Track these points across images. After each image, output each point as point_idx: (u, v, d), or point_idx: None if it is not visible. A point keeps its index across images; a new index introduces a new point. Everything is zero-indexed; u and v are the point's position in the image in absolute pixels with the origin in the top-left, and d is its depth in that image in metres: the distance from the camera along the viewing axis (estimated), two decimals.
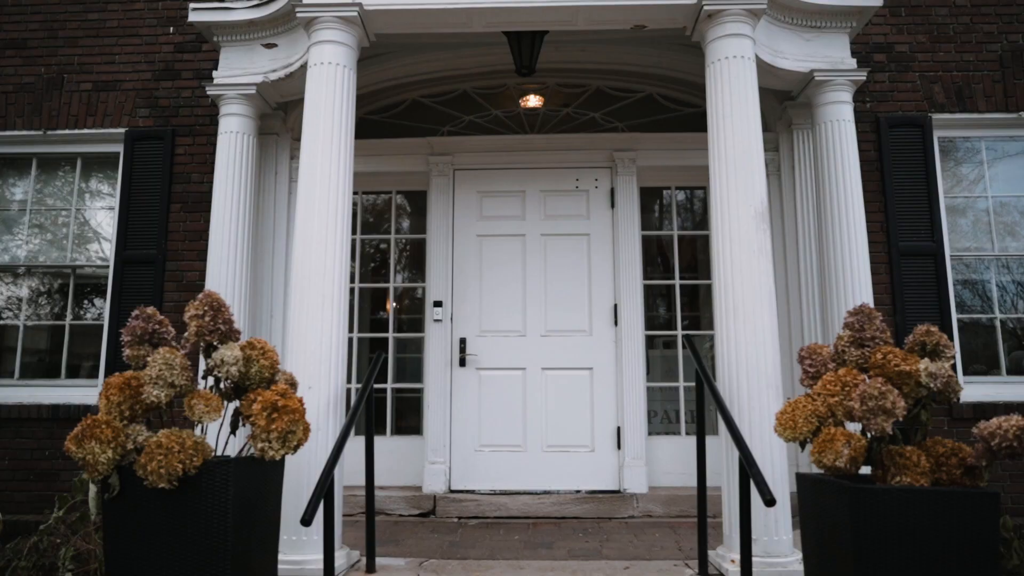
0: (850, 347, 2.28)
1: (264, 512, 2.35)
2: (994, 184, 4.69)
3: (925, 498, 2.01)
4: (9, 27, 4.97)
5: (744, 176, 3.25)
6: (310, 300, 3.18)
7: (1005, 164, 4.72)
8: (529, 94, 4.87)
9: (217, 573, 2.12)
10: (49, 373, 4.77)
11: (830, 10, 4.00)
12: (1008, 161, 4.73)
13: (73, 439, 2.12)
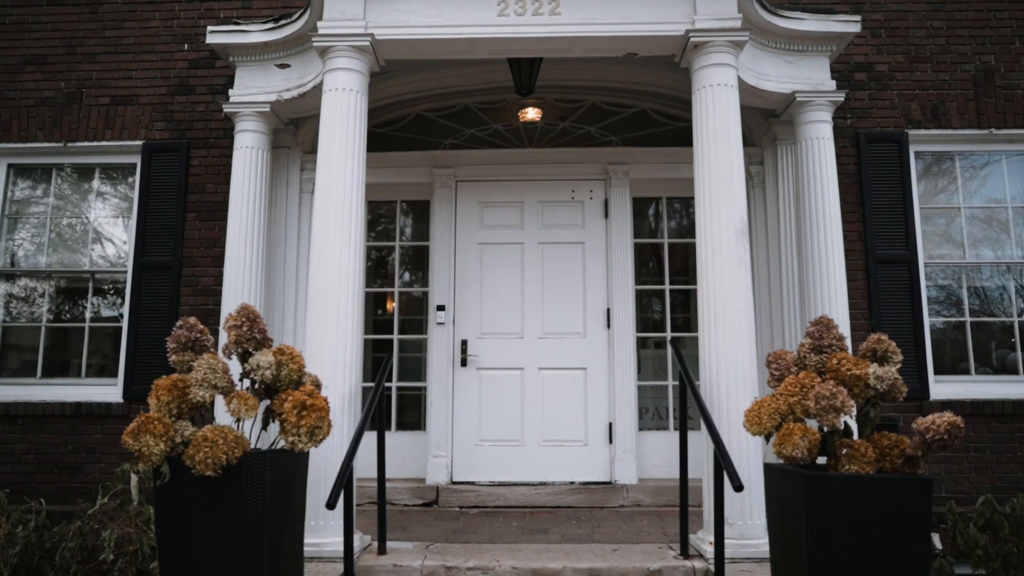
0: (810, 353, 2.57)
1: (293, 498, 2.63)
2: (966, 196, 4.99)
3: (869, 483, 2.31)
4: (30, 43, 5.21)
5: (726, 195, 3.54)
6: (326, 308, 3.45)
7: (976, 177, 5.02)
8: (528, 108, 5.15)
9: (255, 551, 2.41)
10: (70, 372, 5.03)
11: (811, 35, 4.28)
12: (979, 174, 5.03)
13: (130, 433, 2.40)
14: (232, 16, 5.17)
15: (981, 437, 4.61)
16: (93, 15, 5.23)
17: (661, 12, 3.74)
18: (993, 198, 4.98)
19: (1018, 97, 4.89)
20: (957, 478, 4.59)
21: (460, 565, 3.25)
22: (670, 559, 3.31)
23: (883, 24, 5.03)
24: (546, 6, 3.78)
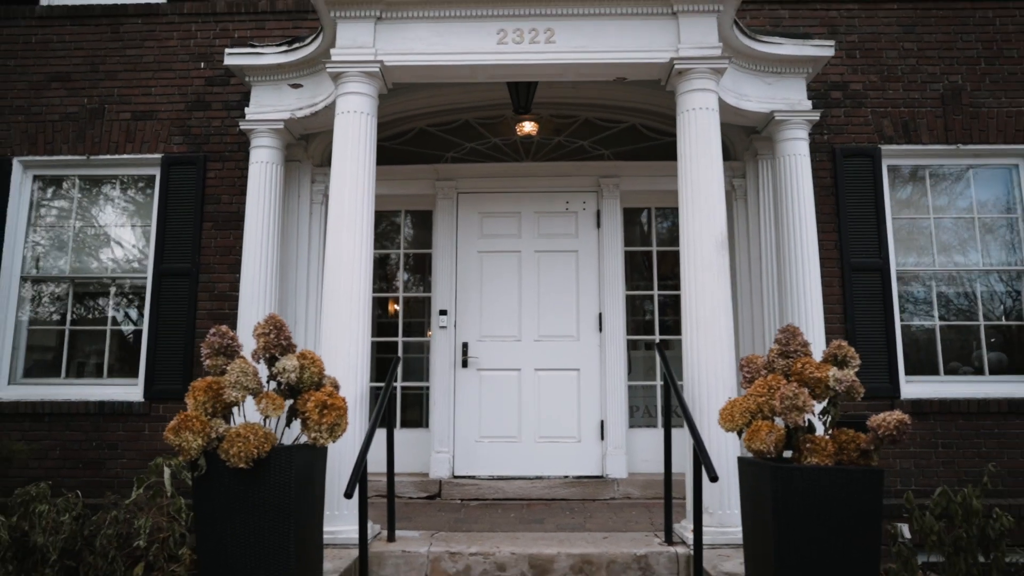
0: (778, 358, 2.88)
1: (314, 489, 2.93)
2: (935, 207, 5.31)
3: (828, 474, 2.62)
4: (55, 62, 5.50)
5: (707, 211, 3.85)
6: (340, 317, 3.75)
7: (945, 189, 5.34)
8: (525, 123, 5.45)
9: (283, 536, 2.71)
10: (92, 373, 5.33)
11: (788, 59, 4.59)
12: (947, 187, 5.35)
13: (171, 430, 2.70)
14: (246, 36, 5.47)
15: (948, 434, 4.93)
16: (114, 34, 5.51)
17: (648, 41, 4.05)
18: (960, 209, 5.30)
19: (983, 115, 5.21)
20: (926, 472, 4.91)
21: (463, 551, 3.56)
22: (655, 546, 3.62)
23: (858, 45, 5.34)
24: (542, 35, 4.09)
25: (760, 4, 5.42)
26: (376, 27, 4.10)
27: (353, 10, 4.07)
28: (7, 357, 5.21)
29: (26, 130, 5.40)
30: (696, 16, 4.06)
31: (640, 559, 3.49)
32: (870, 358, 4.96)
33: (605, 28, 4.09)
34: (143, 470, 4.94)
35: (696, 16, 4.06)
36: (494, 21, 4.10)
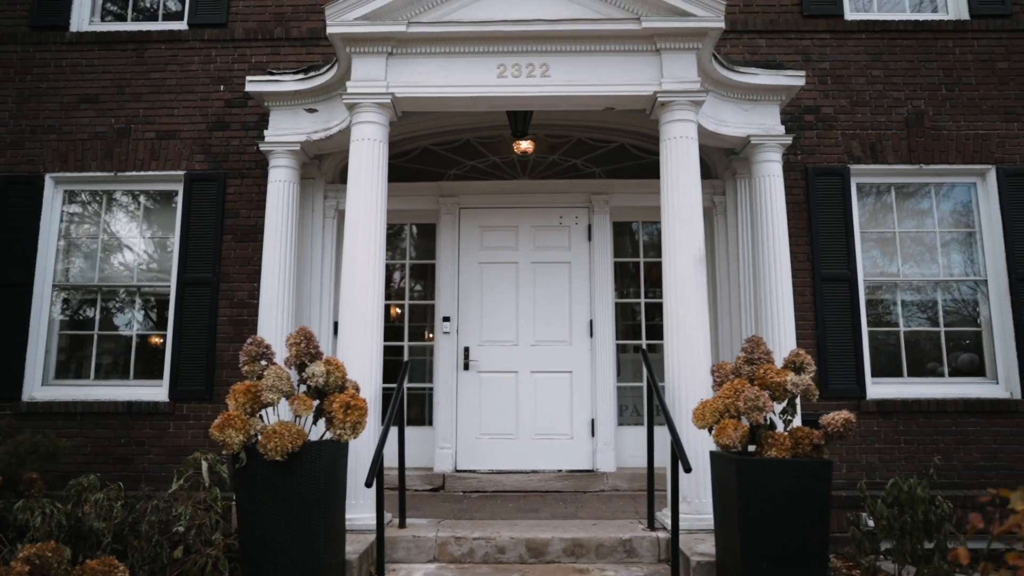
0: (744, 364, 3.31)
1: (338, 480, 3.35)
2: (900, 221, 5.75)
3: (784, 465, 3.05)
4: (84, 84, 5.89)
5: (686, 230, 4.27)
6: (355, 328, 4.16)
7: (908, 206, 5.79)
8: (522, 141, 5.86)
9: (313, 520, 3.12)
10: (119, 375, 5.72)
11: (763, 87, 5.02)
12: (911, 203, 5.79)
13: (216, 427, 3.11)
14: (262, 61, 5.87)
15: (910, 431, 5.38)
16: (139, 59, 5.90)
17: (633, 75, 4.47)
18: (923, 223, 5.75)
19: (943, 137, 5.65)
20: (889, 466, 5.35)
21: (467, 536, 3.98)
22: (639, 531, 4.05)
23: (829, 72, 5.78)
24: (538, 70, 4.51)
25: (740, 33, 5.85)
26: (387, 62, 4.51)
27: (367, 47, 4.48)
28: (40, 360, 5.60)
29: (57, 148, 5.79)
30: (677, 53, 4.48)
31: (625, 543, 3.92)
32: (839, 362, 5.42)
33: (595, 63, 4.51)
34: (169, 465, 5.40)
35: (677, 53, 4.48)
36: (494, 56, 4.52)
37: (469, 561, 3.90)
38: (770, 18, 5.88)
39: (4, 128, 5.83)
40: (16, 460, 4.01)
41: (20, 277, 5.59)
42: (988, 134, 5.65)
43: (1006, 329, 5.44)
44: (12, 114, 5.85)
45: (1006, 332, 5.43)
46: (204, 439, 5.38)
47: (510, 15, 4.47)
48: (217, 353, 5.48)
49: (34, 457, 4.17)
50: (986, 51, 5.77)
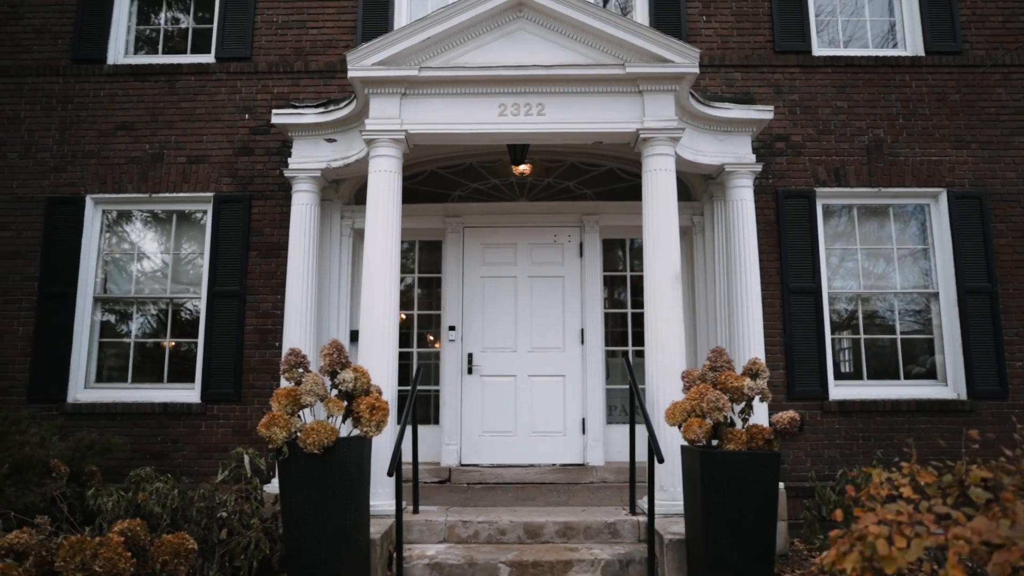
0: (709, 371, 3.91)
1: (364, 471, 3.93)
2: (862, 239, 6.35)
3: (740, 456, 3.64)
4: (120, 113, 6.45)
5: (665, 251, 4.87)
6: (374, 340, 4.73)
7: (868, 225, 6.39)
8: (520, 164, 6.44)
9: (344, 504, 3.70)
10: (153, 379, 6.29)
11: (736, 120, 5.61)
12: (871, 222, 6.40)
13: (263, 425, 3.68)
14: (284, 92, 6.45)
15: (868, 428, 5.98)
16: (171, 90, 6.47)
17: (618, 115, 5.07)
18: (882, 240, 6.35)
19: (900, 162, 6.26)
20: (849, 460, 5.95)
21: (472, 520, 4.57)
22: (622, 516, 4.65)
23: (798, 103, 6.38)
24: (534, 109, 5.10)
25: (718, 67, 6.45)
26: (401, 101, 5.09)
27: (383, 88, 5.06)
28: (83, 365, 6.17)
29: (97, 171, 6.36)
30: (658, 94, 5.08)
31: (610, 525, 4.52)
32: (805, 366, 6.03)
33: (586, 103, 5.10)
34: (201, 460, 6.00)
35: (658, 94, 5.08)
36: (496, 97, 5.11)
37: (474, 541, 4.50)
38: (745, 54, 6.47)
39: (48, 153, 6.39)
40: (78, 455, 4.59)
41: (64, 289, 6.16)
42: (940, 160, 6.26)
43: (955, 337, 6.05)
44: (55, 140, 6.41)
45: (955, 339, 6.05)
46: (233, 436, 5.98)
47: (509, 60, 5.06)
48: (244, 359, 6.05)
49: (91, 452, 4.75)
50: (939, 85, 6.37)
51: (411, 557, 4.26)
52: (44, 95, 6.50)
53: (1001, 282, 6.09)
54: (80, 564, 2.77)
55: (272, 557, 4.28)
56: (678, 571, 3.95)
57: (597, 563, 4.21)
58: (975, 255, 6.10)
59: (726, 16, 6.55)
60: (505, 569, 4.17)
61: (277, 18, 6.61)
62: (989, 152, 6.27)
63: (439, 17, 5.02)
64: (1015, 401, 5.92)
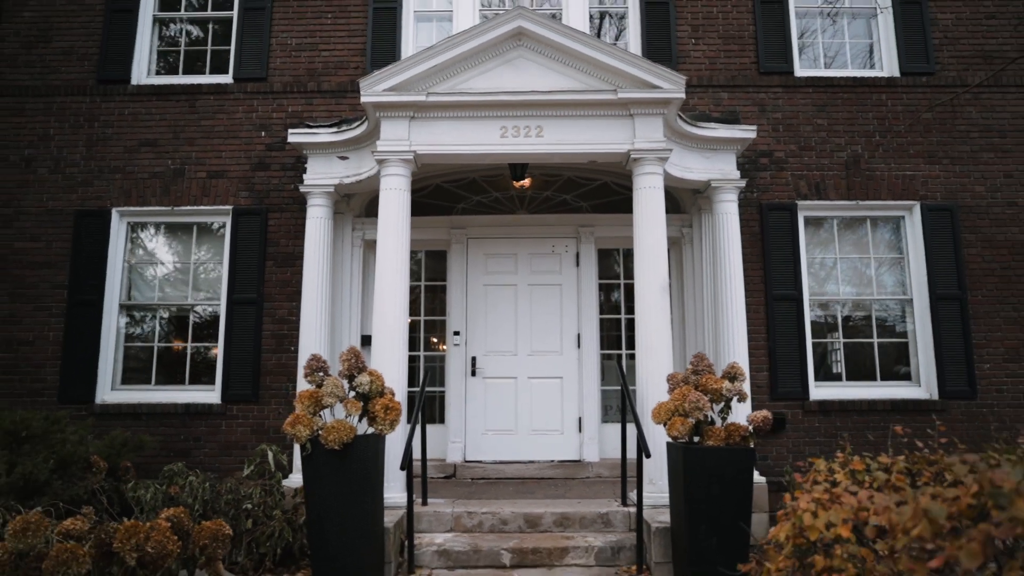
0: (691, 374, 4.31)
1: (379, 465, 4.33)
2: (840, 248, 6.76)
3: (718, 451, 4.05)
4: (143, 131, 6.85)
5: (653, 264, 5.27)
6: (385, 346, 5.14)
7: (847, 235, 6.80)
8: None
9: (361, 495, 4.10)
10: (175, 381, 6.69)
11: (722, 139, 6.02)
12: (849, 233, 6.80)
13: (289, 424, 4.08)
14: (298, 110, 6.85)
15: (846, 427, 6.39)
16: (191, 108, 6.88)
17: (611, 136, 5.47)
18: (860, 250, 6.76)
19: (877, 177, 6.67)
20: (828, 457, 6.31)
21: (477, 511, 4.98)
22: (614, 507, 5.06)
23: (781, 121, 6.79)
24: (533, 131, 5.50)
25: (706, 88, 6.85)
26: (410, 124, 5.50)
27: (393, 112, 5.47)
28: (110, 368, 6.57)
29: (122, 186, 6.76)
30: (647, 117, 5.48)
31: (603, 516, 4.93)
32: (787, 369, 6.43)
33: (581, 126, 5.51)
34: (222, 457, 6.39)
35: (647, 117, 5.48)
36: (497, 120, 5.51)
37: (479, 531, 4.90)
38: (731, 74, 6.88)
39: (76, 168, 6.80)
40: (114, 451, 4.99)
41: (92, 297, 6.57)
42: (914, 175, 6.67)
43: (927, 340, 6.45)
44: (83, 156, 6.81)
45: (927, 343, 6.45)
46: (252, 435, 6.38)
47: (510, 86, 5.47)
48: (262, 362, 6.46)
49: (125, 449, 5.15)
50: (913, 103, 6.78)
51: (421, 544, 4.67)
52: (72, 113, 6.90)
53: (970, 289, 6.50)
54: (135, 545, 3.18)
55: (293, 545, 4.70)
56: (663, 555, 4.36)
57: (591, 549, 4.62)
58: (946, 264, 6.51)
59: (713, 39, 6.96)
60: (507, 555, 4.58)
61: (291, 41, 7.01)
62: (960, 167, 6.68)
63: (445, 46, 5.43)
64: (983, 400, 6.33)
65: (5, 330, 6.51)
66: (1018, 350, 6.40)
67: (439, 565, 4.57)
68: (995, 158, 6.71)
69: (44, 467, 4.18)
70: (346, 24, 7.04)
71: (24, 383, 6.45)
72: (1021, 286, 6.49)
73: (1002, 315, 6.46)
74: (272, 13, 7.04)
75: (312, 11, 7.08)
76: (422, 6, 7.21)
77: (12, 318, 6.53)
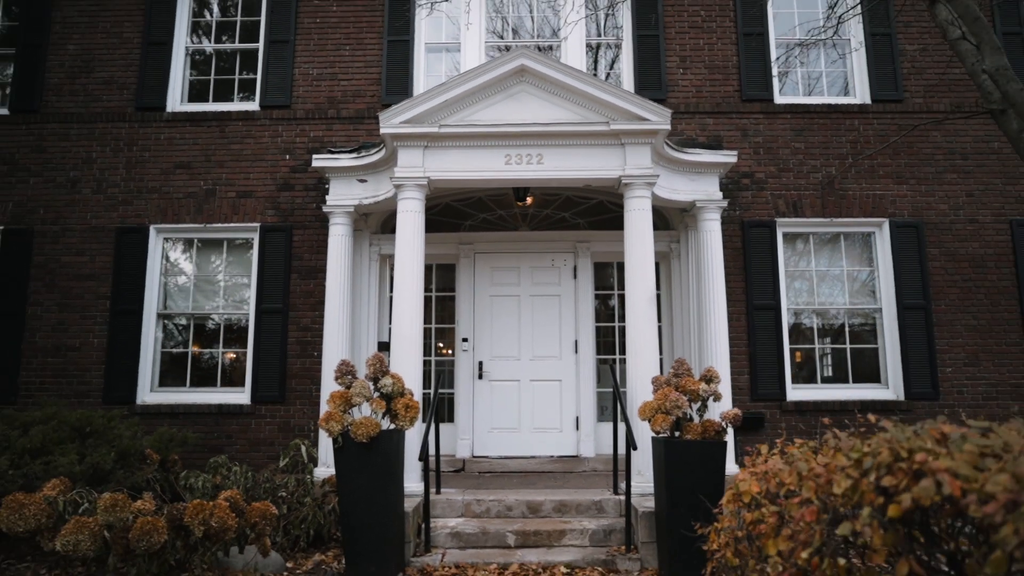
0: (672, 377, 4.93)
1: (400, 457, 4.95)
2: (816, 262, 7.38)
3: (695, 444, 4.66)
4: (178, 154, 7.50)
5: (642, 278, 5.89)
6: (403, 348, 5.77)
7: (822, 250, 7.42)
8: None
9: (385, 482, 4.73)
10: (208, 383, 7.32)
11: (706, 164, 6.65)
12: (824, 247, 7.42)
13: (323, 420, 4.71)
14: (319, 135, 7.49)
15: (820, 425, 6.99)
16: (222, 134, 7.52)
17: (604, 164, 6.09)
18: (833, 263, 7.38)
19: (849, 196, 7.29)
20: None
21: (484, 499, 5.60)
22: (607, 495, 5.67)
23: (762, 145, 7.41)
24: (535, 159, 6.13)
25: (692, 114, 7.48)
26: (424, 152, 6.13)
27: (409, 142, 6.10)
28: (149, 371, 7.21)
29: (159, 205, 7.40)
30: (636, 146, 6.10)
31: (596, 503, 5.55)
32: (766, 372, 7.05)
33: (577, 154, 6.13)
34: (251, 453, 7.00)
35: (636, 146, 6.10)
36: (502, 149, 6.14)
37: (487, 516, 5.52)
38: (716, 102, 7.51)
39: (117, 189, 7.44)
40: (162, 446, 5.62)
41: (133, 306, 7.20)
42: (883, 194, 7.29)
43: (895, 346, 7.07)
44: (123, 177, 7.46)
45: (895, 348, 7.06)
46: (279, 432, 7.01)
47: (514, 118, 6.09)
48: (288, 366, 7.09)
49: (172, 444, 5.78)
50: (883, 128, 7.40)
51: (436, 527, 5.29)
52: (113, 138, 7.54)
53: (934, 299, 7.11)
54: (202, 520, 3.81)
55: (323, 529, 5.32)
56: (649, 536, 4.98)
57: (585, 531, 5.23)
58: (912, 276, 7.12)
59: (700, 69, 7.59)
60: (512, 537, 5.20)
61: (312, 71, 7.65)
62: (925, 187, 7.30)
63: (455, 82, 6.06)
64: (945, 401, 6.94)
65: (55, 337, 7.15)
66: (977, 355, 7.01)
67: (452, 545, 5.19)
68: (958, 179, 7.32)
69: (108, 458, 4.81)
70: (363, 56, 7.69)
71: (72, 385, 7.09)
72: (980, 297, 7.11)
73: (963, 323, 7.07)
74: (295, 46, 7.68)
75: (332, 43, 7.72)
76: (432, 39, 7.85)
77: (61, 326, 7.18)
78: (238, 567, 4.38)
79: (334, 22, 7.75)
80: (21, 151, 7.51)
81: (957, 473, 1.42)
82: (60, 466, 4.47)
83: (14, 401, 7.01)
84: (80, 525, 3.59)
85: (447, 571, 4.78)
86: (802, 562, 1.82)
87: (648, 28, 7.62)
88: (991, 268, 7.13)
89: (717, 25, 7.69)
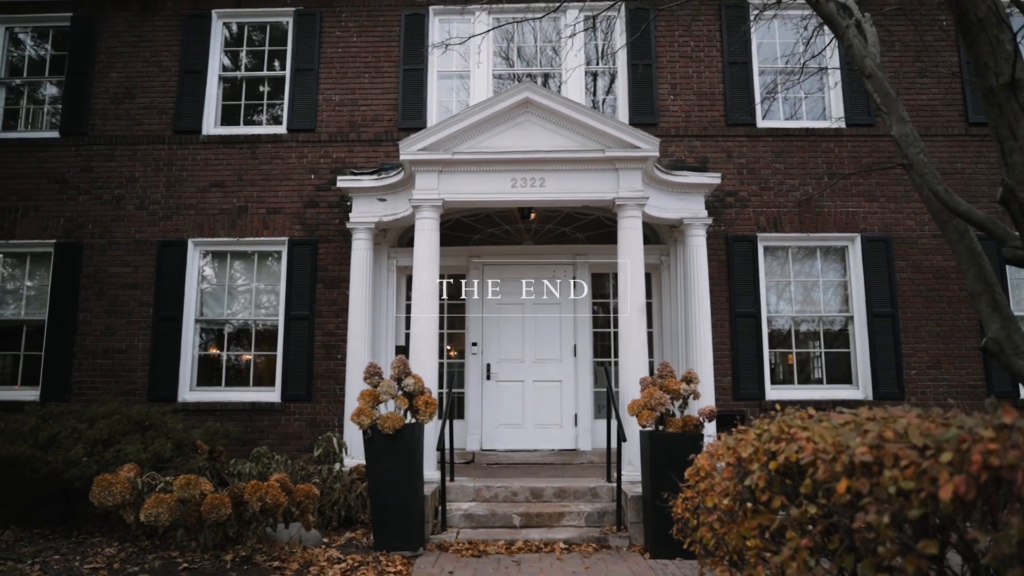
0: (657, 378, 5.65)
1: (420, 447, 5.68)
2: (794, 273, 8.09)
3: (675, 436, 5.38)
4: (212, 173, 8.24)
5: (633, 288, 6.61)
6: (421, 352, 6.50)
7: (799, 262, 8.13)
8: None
9: (409, 471, 5.45)
10: (241, 383, 8.06)
11: (692, 184, 7.36)
12: (802, 260, 8.13)
13: (354, 415, 5.43)
14: (341, 156, 8.22)
15: None
16: (252, 155, 8.26)
17: (600, 187, 6.81)
18: (810, 274, 8.09)
19: (824, 213, 7.99)
20: None
21: (493, 485, 6.33)
22: (601, 483, 6.40)
23: (745, 166, 8.12)
24: (538, 182, 6.85)
25: (681, 137, 8.19)
26: (439, 176, 6.85)
27: (425, 167, 6.82)
28: (188, 372, 7.96)
29: (196, 220, 8.14)
30: (628, 171, 6.82)
31: (592, 489, 6.28)
32: (747, 374, 7.76)
33: (576, 177, 6.85)
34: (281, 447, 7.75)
35: (628, 171, 6.82)
36: (509, 173, 6.86)
37: (495, 500, 6.26)
38: (703, 126, 8.22)
39: (158, 205, 8.19)
40: (210, 438, 6.37)
41: (174, 313, 7.95)
42: (856, 211, 7.99)
43: (865, 350, 7.77)
44: (163, 195, 8.20)
45: (865, 352, 7.77)
46: (306, 428, 7.75)
47: (519, 146, 6.81)
48: (314, 367, 7.83)
49: (217, 436, 6.53)
50: (856, 150, 8.10)
51: (450, 510, 6.02)
52: (153, 159, 8.29)
53: (901, 307, 7.81)
54: (259, 497, 4.54)
55: (352, 511, 6.06)
56: (636, 517, 5.70)
57: (582, 514, 5.96)
58: (882, 286, 7.83)
59: (689, 95, 8.30)
60: (517, 518, 5.93)
61: (335, 97, 8.38)
62: (894, 205, 8.00)
63: (466, 114, 6.79)
64: (909, 401, 7.64)
65: (104, 341, 7.90)
66: (939, 359, 7.72)
67: (465, 525, 5.93)
68: None
69: (167, 447, 5.56)
70: (381, 83, 8.41)
71: (119, 384, 7.85)
72: (943, 305, 7.81)
73: (927, 330, 7.78)
74: (319, 74, 8.42)
75: (352, 72, 8.45)
76: (444, 68, 8.57)
77: (109, 331, 7.93)
78: (283, 540, 5.12)
79: (354, 52, 8.48)
80: (71, 171, 8.26)
81: (811, 439, 2.15)
82: (129, 454, 5.21)
83: (67, 398, 7.76)
84: (159, 500, 4.33)
85: (461, 546, 5.51)
86: (724, 507, 2.55)
87: (641, 58, 8.33)
88: (952, 279, 7.83)
89: (705, 55, 8.40)
